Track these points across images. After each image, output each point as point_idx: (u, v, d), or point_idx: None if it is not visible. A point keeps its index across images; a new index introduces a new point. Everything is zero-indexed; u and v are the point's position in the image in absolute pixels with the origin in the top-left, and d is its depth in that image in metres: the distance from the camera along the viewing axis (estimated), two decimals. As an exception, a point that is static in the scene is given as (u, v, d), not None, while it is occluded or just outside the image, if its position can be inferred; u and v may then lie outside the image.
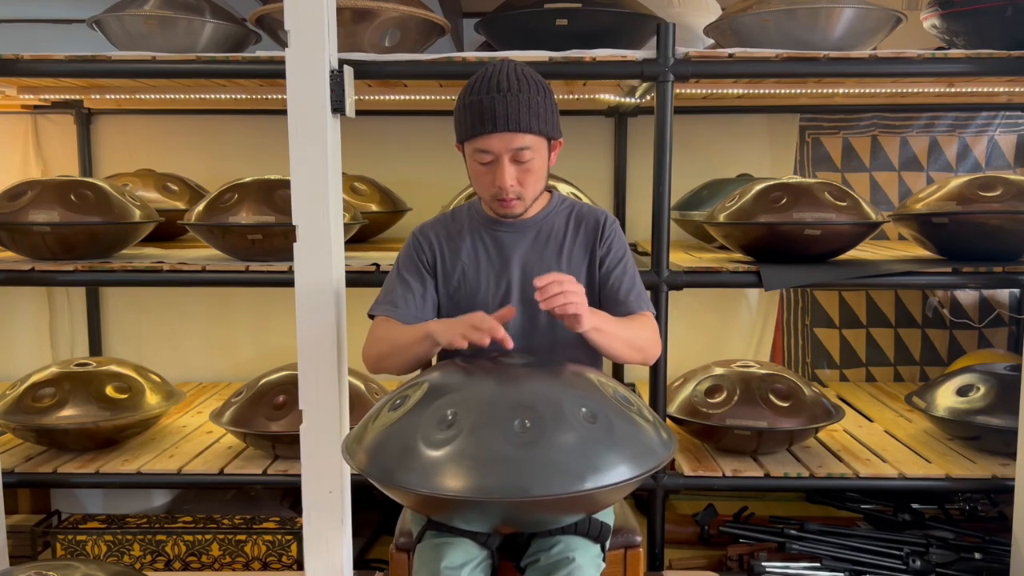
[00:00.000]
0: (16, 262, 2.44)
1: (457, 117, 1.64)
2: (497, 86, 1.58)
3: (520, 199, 1.65)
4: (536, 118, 1.59)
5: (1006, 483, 2.31)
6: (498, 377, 1.45)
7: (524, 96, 1.58)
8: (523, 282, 1.70)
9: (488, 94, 1.58)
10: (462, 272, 1.73)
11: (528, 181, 1.63)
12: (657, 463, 1.35)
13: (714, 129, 3.31)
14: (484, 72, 1.62)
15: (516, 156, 1.60)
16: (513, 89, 1.58)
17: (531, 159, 1.61)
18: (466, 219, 1.77)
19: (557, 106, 1.67)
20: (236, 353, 3.39)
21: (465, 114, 1.61)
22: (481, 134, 1.58)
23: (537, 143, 1.61)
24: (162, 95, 2.94)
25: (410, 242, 1.78)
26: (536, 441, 1.28)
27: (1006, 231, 2.38)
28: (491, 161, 1.61)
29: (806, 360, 3.40)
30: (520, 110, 1.57)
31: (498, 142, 1.58)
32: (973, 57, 2.29)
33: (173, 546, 2.47)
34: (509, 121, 1.56)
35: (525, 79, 1.60)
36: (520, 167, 1.62)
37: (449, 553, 1.46)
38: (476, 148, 1.61)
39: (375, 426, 1.43)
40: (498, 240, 1.73)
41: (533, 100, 1.59)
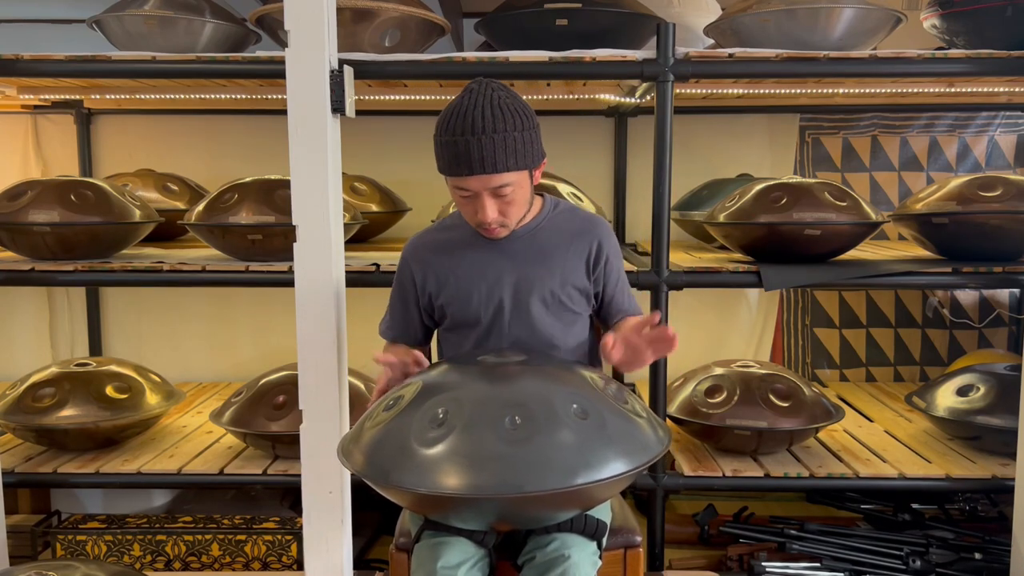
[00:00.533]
0: (16, 262, 2.44)
1: (437, 151, 1.60)
2: (471, 127, 1.52)
3: (504, 227, 1.65)
4: (514, 156, 1.55)
5: (1006, 483, 2.31)
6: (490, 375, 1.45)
7: (500, 136, 1.52)
8: (516, 289, 1.70)
9: (463, 136, 1.52)
10: (455, 281, 1.72)
11: (510, 211, 1.63)
12: (651, 458, 1.35)
13: (714, 129, 3.31)
14: (460, 107, 1.55)
15: (496, 192, 1.58)
16: (488, 130, 1.52)
17: (511, 192, 1.59)
18: (459, 229, 1.76)
19: (538, 130, 1.61)
20: (236, 353, 3.39)
21: (442, 151, 1.57)
22: (458, 175, 1.56)
23: (516, 178, 1.58)
24: (162, 95, 2.94)
25: (402, 267, 1.79)
26: (528, 438, 1.29)
27: (1006, 231, 2.38)
28: (471, 195, 1.60)
29: (806, 360, 3.40)
30: (496, 151, 1.53)
31: (476, 183, 1.56)
32: (973, 57, 2.29)
33: (173, 546, 2.47)
34: (485, 164, 1.53)
35: (501, 114, 1.53)
36: (501, 200, 1.60)
37: (446, 552, 1.46)
38: (455, 185, 1.60)
39: (370, 426, 1.43)
40: (492, 249, 1.72)
41: (510, 138, 1.53)
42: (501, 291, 1.70)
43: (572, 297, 1.72)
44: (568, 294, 1.71)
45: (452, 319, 1.74)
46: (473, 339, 1.72)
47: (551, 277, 1.70)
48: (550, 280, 1.70)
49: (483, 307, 1.70)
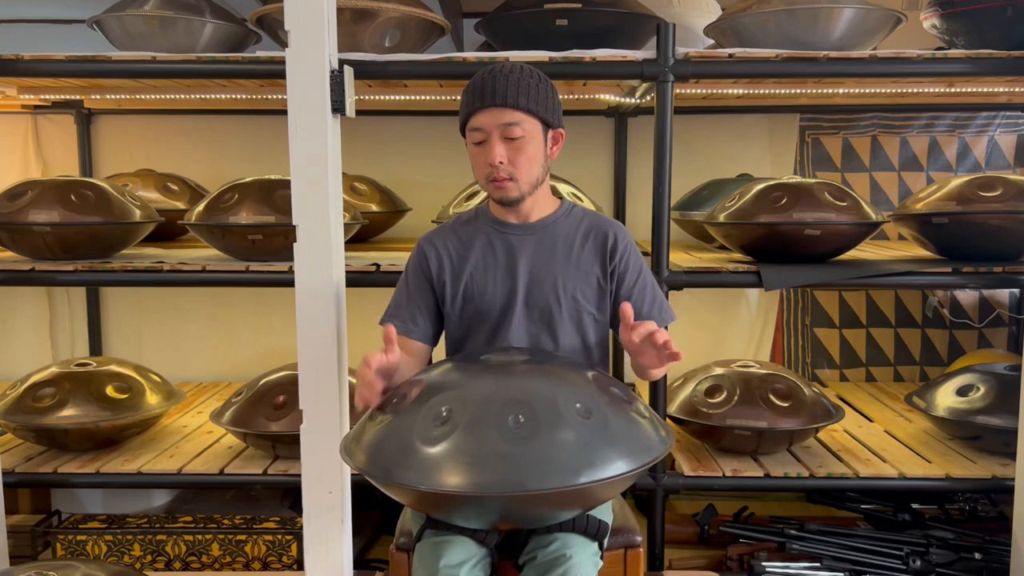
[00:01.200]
0: (16, 262, 2.44)
1: (460, 108, 1.68)
2: (493, 70, 1.63)
3: (513, 180, 1.64)
4: (525, 96, 1.61)
5: (1006, 483, 2.31)
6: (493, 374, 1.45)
7: (515, 76, 1.62)
8: (529, 284, 1.70)
9: (482, 77, 1.63)
10: (471, 275, 1.73)
11: (519, 161, 1.63)
12: (653, 458, 1.36)
13: (714, 129, 3.32)
14: (488, 65, 1.68)
15: (506, 132, 1.61)
16: (507, 72, 1.63)
17: (521, 137, 1.62)
18: (475, 222, 1.78)
19: (558, 97, 1.69)
20: (236, 353, 3.39)
21: (463, 99, 1.66)
22: (474, 111, 1.63)
23: (527, 122, 1.62)
24: (162, 95, 2.94)
25: (418, 254, 1.79)
26: (531, 436, 1.29)
27: (1006, 231, 2.38)
28: (483, 140, 1.63)
29: (806, 360, 3.40)
30: (509, 87, 1.61)
31: (487, 117, 1.61)
32: (973, 57, 2.29)
33: (173, 546, 2.47)
34: (496, 96, 1.60)
35: (526, 69, 1.65)
36: (510, 145, 1.62)
37: (448, 551, 1.46)
38: (471, 128, 1.65)
39: (372, 425, 1.43)
40: (506, 242, 1.73)
41: (525, 82, 1.63)
42: (515, 283, 1.70)
43: (586, 295, 1.72)
44: (583, 291, 1.71)
45: (464, 312, 1.73)
46: (485, 333, 1.72)
47: (566, 272, 1.71)
48: (564, 275, 1.70)
49: (497, 298, 1.70)
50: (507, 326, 1.69)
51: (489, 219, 1.76)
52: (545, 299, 1.70)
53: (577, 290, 1.71)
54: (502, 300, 1.70)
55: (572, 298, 1.71)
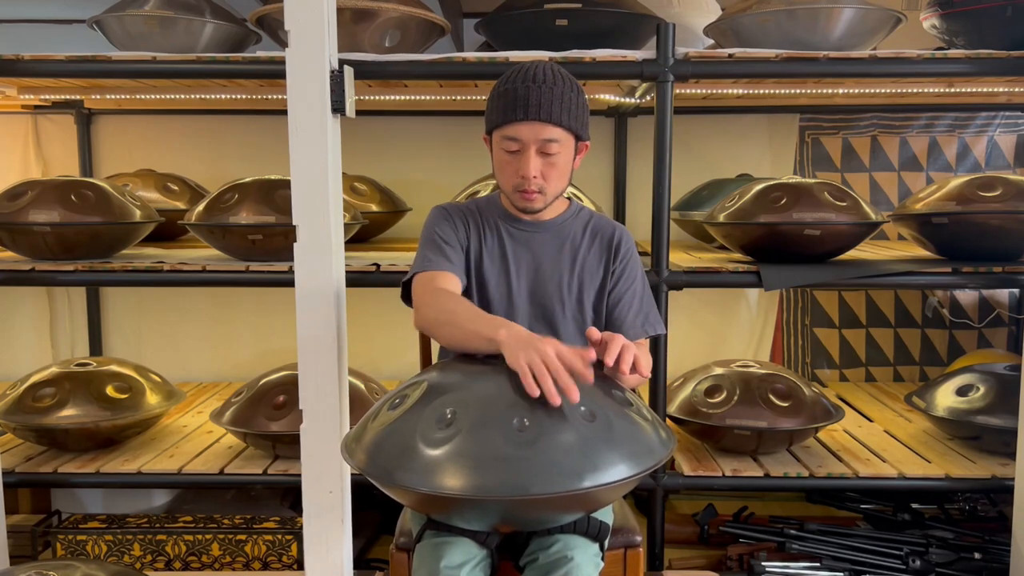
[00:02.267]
0: (16, 262, 2.44)
1: (489, 107, 1.64)
2: (533, 77, 1.59)
3: (541, 193, 1.63)
4: (567, 113, 1.59)
5: (1006, 483, 2.31)
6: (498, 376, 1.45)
7: (558, 89, 1.58)
8: (533, 282, 1.70)
9: (523, 83, 1.58)
10: (476, 263, 1.71)
11: (551, 175, 1.62)
12: (656, 461, 1.35)
13: (714, 129, 3.32)
14: (520, 66, 1.63)
15: (543, 147, 1.59)
16: (548, 82, 1.58)
17: (557, 153, 1.60)
18: (486, 212, 1.76)
19: (588, 108, 1.67)
20: (236, 353, 3.39)
21: (498, 102, 1.61)
22: (512, 121, 1.58)
23: (565, 138, 1.61)
24: (162, 95, 2.94)
25: (440, 214, 1.74)
26: (535, 440, 1.28)
27: (1006, 231, 2.38)
28: (517, 150, 1.60)
29: (806, 360, 3.40)
30: (553, 102, 1.57)
31: (527, 131, 1.58)
32: (973, 57, 2.29)
33: (173, 546, 2.47)
34: (541, 111, 1.57)
35: (560, 76, 1.61)
36: (546, 160, 1.61)
37: (449, 552, 1.46)
38: (505, 135, 1.60)
39: (374, 425, 1.43)
40: (516, 237, 1.72)
41: (566, 95, 1.59)
42: (520, 280, 1.70)
43: (590, 296, 1.71)
44: (587, 292, 1.71)
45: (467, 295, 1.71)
46: None
47: (571, 271, 1.70)
48: (570, 275, 1.70)
49: (500, 293, 1.70)
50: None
51: (501, 211, 1.75)
52: (549, 298, 1.69)
53: (581, 291, 1.71)
54: (505, 295, 1.70)
55: (576, 299, 1.70)
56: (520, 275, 1.70)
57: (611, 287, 1.73)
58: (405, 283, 1.71)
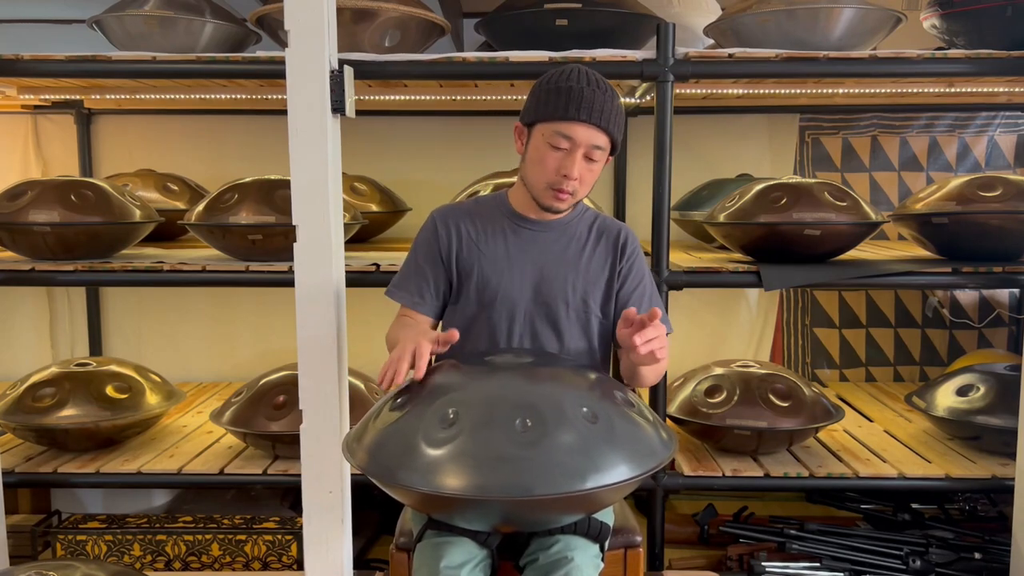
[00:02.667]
0: (16, 262, 2.44)
1: (541, 98, 1.61)
2: (595, 81, 1.60)
3: (573, 195, 1.64)
4: (617, 124, 1.61)
5: (1006, 483, 2.31)
6: (499, 376, 1.45)
7: (609, 97, 1.60)
8: (537, 281, 1.69)
9: (587, 85, 1.58)
10: (480, 264, 1.70)
11: (587, 180, 1.63)
12: (658, 463, 1.35)
13: (714, 129, 3.32)
14: (574, 67, 1.63)
15: (589, 152, 1.60)
16: (602, 87, 1.60)
17: (599, 160, 1.62)
18: (490, 210, 1.75)
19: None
20: (236, 353, 3.39)
21: (555, 96, 1.59)
22: (570, 120, 1.57)
23: (607, 147, 1.62)
24: (162, 95, 2.94)
25: (430, 227, 1.75)
26: (537, 440, 1.28)
27: (1006, 231, 2.38)
28: (566, 148, 1.59)
29: (806, 360, 3.40)
30: (611, 111, 1.59)
31: (583, 132, 1.58)
32: (973, 57, 2.29)
33: (173, 546, 2.47)
34: (602, 116, 1.58)
35: (607, 84, 1.62)
36: (587, 165, 1.61)
37: (449, 552, 1.46)
38: (558, 131, 1.58)
39: (376, 425, 1.43)
40: (521, 236, 1.71)
41: (617, 107, 1.61)
42: (525, 279, 1.69)
43: (595, 296, 1.71)
44: (591, 293, 1.71)
45: (469, 299, 1.71)
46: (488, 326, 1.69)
47: (576, 271, 1.70)
48: (575, 275, 1.70)
49: (504, 292, 1.69)
50: (512, 322, 1.68)
51: (508, 210, 1.74)
52: (554, 298, 1.69)
53: (586, 291, 1.70)
54: (510, 294, 1.69)
55: (580, 299, 1.70)
56: (524, 275, 1.69)
57: (619, 287, 1.73)
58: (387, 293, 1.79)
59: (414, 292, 1.74)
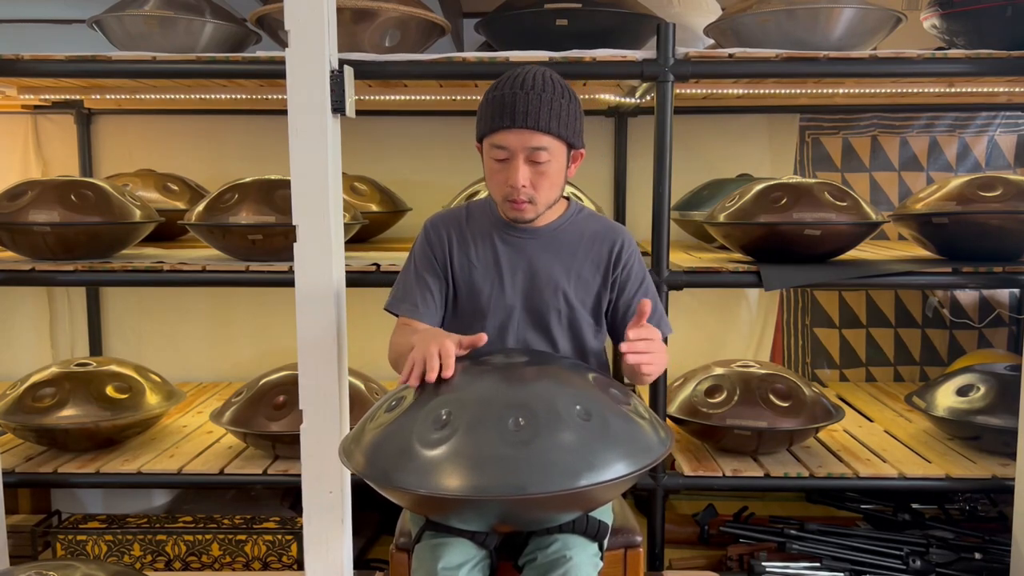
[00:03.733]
0: (16, 262, 2.44)
1: (479, 113, 1.62)
2: (521, 83, 1.56)
3: (532, 203, 1.61)
4: (556, 120, 1.56)
5: (1006, 483, 2.31)
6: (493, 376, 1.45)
7: (547, 96, 1.55)
8: (527, 289, 1.68)
9: (511, 90, 1.55)
10: (470, 271, 1.70)
11: (542, 185, 1.59)
12: (653, 459, 1.35)
13: (714, 129, 3.32)
14: (512, 72, 1.60)
15: (531, 156, 1.56)
16: (537, 88, 1.55)
17: (547, 162, 1.57)
18: (481, 217, 1.74)
19: (582, 116, 1.63)
20: (236, 353, 3.39)
21: (487, 108, 1.58)
22: (499, 129, 1.55)
23: (555, 146, 1.57)
24: (162, 95, 2.94)
25: (423, 236, 1.74)
26: (531, 439, 1.28)
27: (1006, 231, 2.38)
28: (506, 159, 1.57)
29: (806, 360, 3.40)
30: (541, 109, 1.54)
31: (515, 139, 1.55)
32: (973, 57, 2.29)
33: (173, 546, 2.47)
34: (528, 118, 1.54)
35: (552, 82, 1.58)
36: (535, 168, 1.58)
37: (447, 553, 1.45)
38: (492, 144, 1.57)
39: (372, 427, 1.43)
40: (510, 244, 1.70)
41: (556, 103, 1.56)
42: (514, 287, 1.68)
43: (585, 303, 1.70)
44: (582, 300, 1.70)
45: (461, 307, 1.71)
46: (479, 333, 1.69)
47: (566, 279, 1.68)
48: (565, 282, 1.68)
49: (493, 300, 1.68)
50: (505, 330, 1.68)
51: (495, 218, 1.73)
52: (544, 306, 1.68)
53: (576, 298, 1.69)
54: (500, 303, 1.68)
55: (570, 307, 1.69)
56: (515, 283, 1.68)
57: (619, 293, 1.71)
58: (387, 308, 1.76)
59: (418, 302, 1.70)
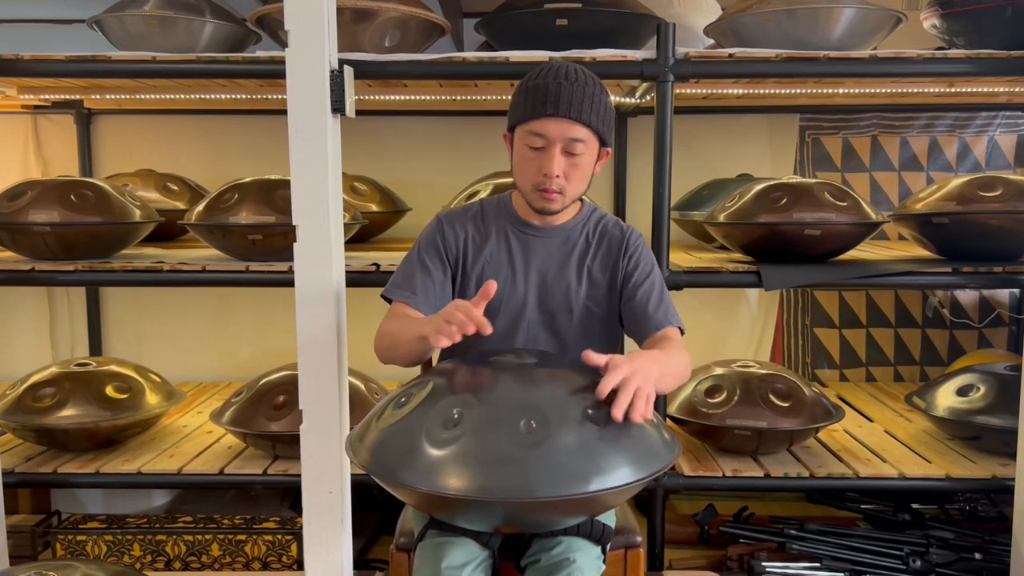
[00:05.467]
0: (16, 262, 2.44)
1: (515, 101, 1.61)
2: (565, 75, 1.57)
3: (562, 193, 1.61)
4: (596, 114, 1.57)
5: (1006, 483, 2.31)
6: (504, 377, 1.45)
7: (589, 89, 1.57)
8: (540, 288, 1.68)
9: (555, 80, 1.56)
10: (482, 269, 1.70)
11: (574, 176, 1.60)
12: (661, 466, 1.35)
13: (714, 129, 3.32)
14: (550, 64, 1.60)
15: (568, 147, 1.57)
16: (581, 81, 1.57)
17: (582, 154, 1.58)
18: (494, 214, 1.73)
19: (614, 115, 1.65)
20: (236, 353, 3.39)
21: (526, 96, 1.58)
22: (540, 116, 1.55)
23: (590, 139, 1.58)
24: (162, 95, 2.94)
25: (435, 227, 1.73)
26: (541, 442, 1.28)
27: (1006, 231, 2.38)
28: (542, 147, 1.57)
29: (806, 360, 3.40)
30: (584, 100, 1.55)
31: (555, 127, 1.55)
32: (973, 57, 2.29)
33: (173, 546, 2.47)
34: (572, 108, 1.55)
35: (590, 77, 1.60)
36: (569, 160, 1.58)
37: (451, 552, 1.46)
38: (531, 131, 1.57)
39: (379, 424, 1.42)
40: (523, 242, 1.70)
41: (597, 96, 1.57)
42: (528, 286, 1.68)
43: (598, 302, 1.70)
44: (594, 298, 1.70)
45: None
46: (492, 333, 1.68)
47: (578, 280, 1.69)
48: (578, 281, 1.69)
49: (505, 299, 1.68)
50: (514, 328, 1.68)
51: (511, 215, 1.72)
52: (557, 305, 1.68)
53: (589, 297, 1.69)
54: (512, 301, 1.68)
55: (584, 305, 1.69)
56: (528, 282, 1.68)
57: (624, 281, 1.70)
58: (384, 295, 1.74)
59: (417, 289, 1.68)
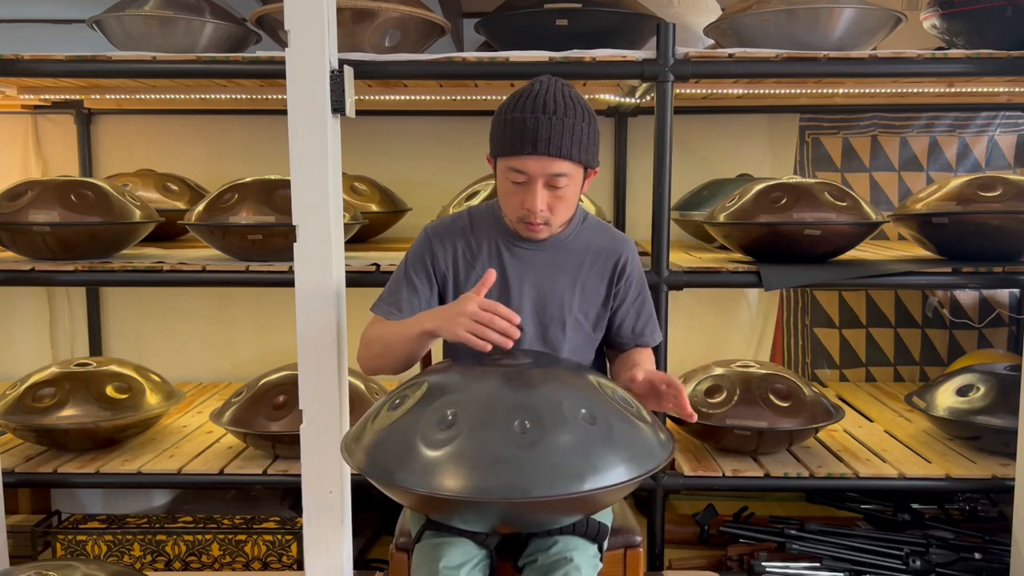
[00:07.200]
0: (16, 262, 2.44)
1: (495, 131, 1.58)
2: (543, 106, 1.51)
3: (547, 224, 1.60)
4: (578, 146, 1.53)
5: (1006, 483, 2.31)
6: (498, 378, 1.45)
7: (569, 121, 1.51)
8: (535, 301, 1.68)
9: (532, 113, 1.51)
10: (475, 277, 1.68)
11: (558, 208, 1.58)
12: (656, 464, 1.35)
13: (714, 129, 3.31)
14: (530, 89, 1.55)
15: (551, 181, 1.54)
16: (559, 113, 1.51)
17: (565, 186, 1.55)
18: (484, 226, 1.71)
19: (599, 133, 1.60)
20: (236, 353, 3.39)
21: (504, 129, 1.54)
22: (519, 154, 1.52)
23: (574, 171, 1.55)
24: (162, 95, 2.94)
25: (423, 242, 1.72)
26: (536, 442, 1.28)
27: (1006, 231, 2.38)
28: (524, 182, 1.55)
29: (806, 360, 3.40)
30: (564, 135, 1.50)
31: (535, 165, 1.52)
32: (973, 57, 2.29)
33: (173, 546, 2.47)
34: (551, 145, 1.50)
35: (572, 103, 1.53)
36: (553, 193, 1.56)
37: (448, 553, 1.46)
38: (510, 167, 1.54)
39: (374, 426, 1.43)
40: (516, 254, 1.68)
41: (578, 127, 1.52)
42: (520, 302, 1.67)
43: (589, 315, 1.71)
44: (586, 312, 1.70)
45: None
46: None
47: (572, 292, 1.68)
48: (570, 295, 1.68)
49: None
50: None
51: (500, 227, 1.70)
52: (552, 320, 1.68)
53: (581, 311, 1.69)
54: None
55: (577, 320, 1.69)
56: (522, 295, 1.68)
57: (619, 307, 1.73)
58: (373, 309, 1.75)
59: (403, 306, 1.68)
